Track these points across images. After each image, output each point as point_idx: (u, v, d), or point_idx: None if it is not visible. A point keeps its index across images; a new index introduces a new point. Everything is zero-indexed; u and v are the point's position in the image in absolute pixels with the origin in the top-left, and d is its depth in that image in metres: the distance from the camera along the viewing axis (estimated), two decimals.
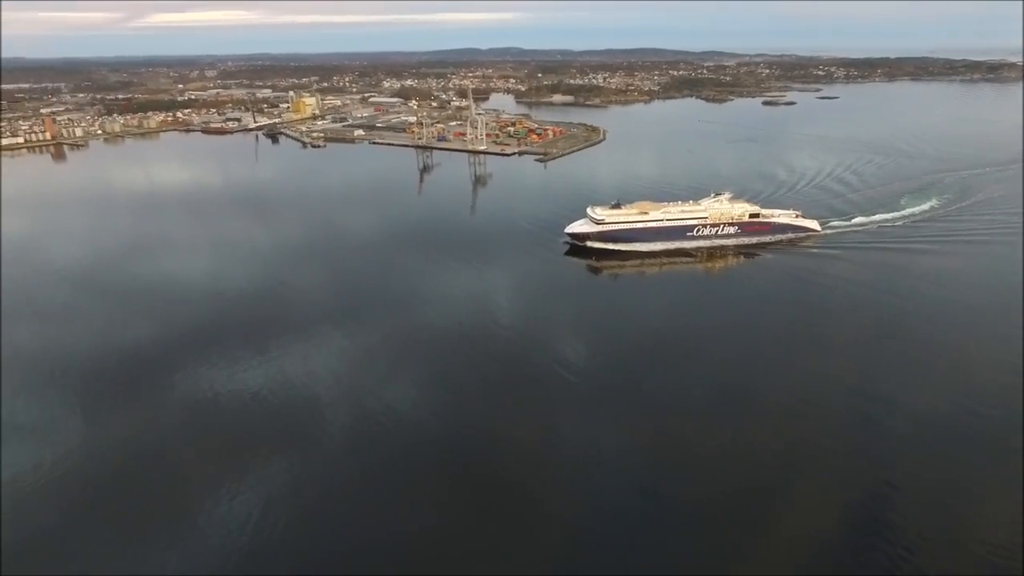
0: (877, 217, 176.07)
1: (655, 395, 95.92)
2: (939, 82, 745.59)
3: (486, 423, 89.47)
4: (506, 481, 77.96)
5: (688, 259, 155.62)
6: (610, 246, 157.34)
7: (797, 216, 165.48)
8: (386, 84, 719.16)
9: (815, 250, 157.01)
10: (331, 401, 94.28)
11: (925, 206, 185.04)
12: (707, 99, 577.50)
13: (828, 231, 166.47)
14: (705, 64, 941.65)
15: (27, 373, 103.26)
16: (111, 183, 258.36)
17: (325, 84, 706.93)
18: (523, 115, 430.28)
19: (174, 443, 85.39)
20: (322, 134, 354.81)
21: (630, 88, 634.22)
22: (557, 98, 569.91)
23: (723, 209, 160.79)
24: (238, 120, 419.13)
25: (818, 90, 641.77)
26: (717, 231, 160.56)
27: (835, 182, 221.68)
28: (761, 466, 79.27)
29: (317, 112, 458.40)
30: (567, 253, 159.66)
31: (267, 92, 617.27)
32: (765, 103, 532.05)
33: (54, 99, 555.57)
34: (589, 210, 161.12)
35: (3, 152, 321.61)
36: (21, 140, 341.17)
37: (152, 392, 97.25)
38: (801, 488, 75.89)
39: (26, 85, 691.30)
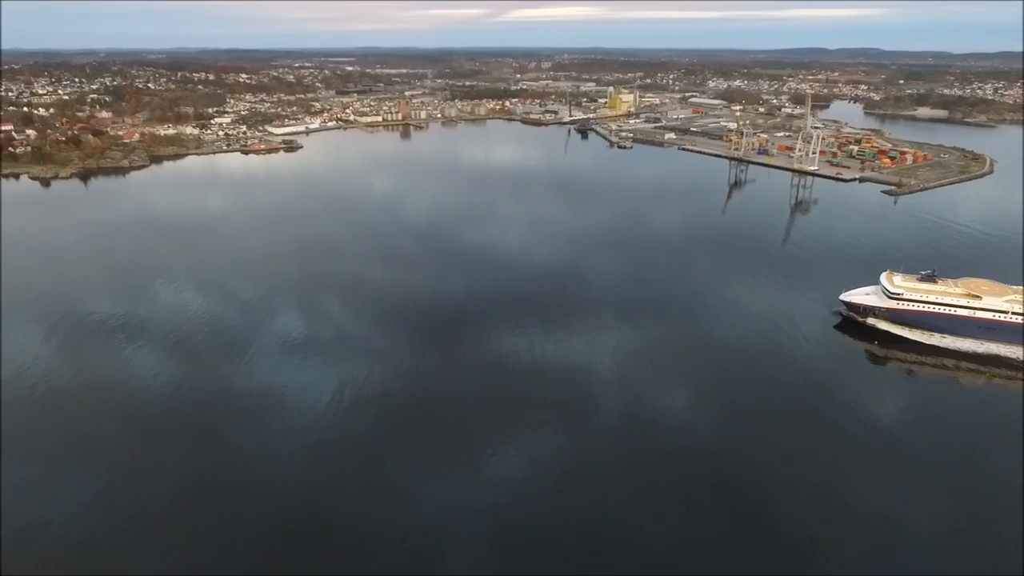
0: None
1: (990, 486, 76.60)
2: None
3: (762, 452, 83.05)
4: (781, 520, 71.76)
5: None
6: (903, 332, 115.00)
7: None
8: (711, 84, 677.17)
9: None
10: (605, 385, 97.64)
11: None
12: None
13: None
14: None
15: (373, 306, 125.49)
16: (444, 158, 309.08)
17: (648, 81, 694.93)
18: (872, 130, 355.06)
19: (468, 389, 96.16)
20: (630, 134, 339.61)
21: None
22: (923, 111, 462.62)
23: None
24: (555, 112, 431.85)
25: None
26: None
27: None
28: None
29: (632, 110, 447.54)
30: (837, 326, 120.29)
31: (591, 86, 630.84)
32: None
33: (419, 83, 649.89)
34: (884, 277, 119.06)
35: (366, 127, 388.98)
36: (380, 119, 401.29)
37: (459, 340, 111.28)
38: None
39: (404, 70, 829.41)
